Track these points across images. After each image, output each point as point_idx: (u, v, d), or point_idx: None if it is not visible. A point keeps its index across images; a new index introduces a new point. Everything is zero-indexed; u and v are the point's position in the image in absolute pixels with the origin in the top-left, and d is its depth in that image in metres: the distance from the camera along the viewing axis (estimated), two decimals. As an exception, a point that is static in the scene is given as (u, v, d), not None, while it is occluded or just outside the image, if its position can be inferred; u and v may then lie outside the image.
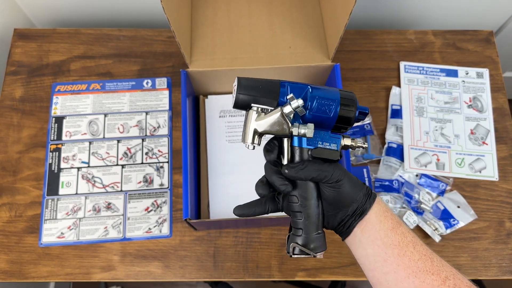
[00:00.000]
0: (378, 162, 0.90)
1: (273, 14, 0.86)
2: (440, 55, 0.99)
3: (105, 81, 0.94)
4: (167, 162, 0.88)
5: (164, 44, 0.98)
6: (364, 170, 0.88)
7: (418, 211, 0.86)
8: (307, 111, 0.47)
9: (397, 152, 0.90)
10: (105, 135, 0.90)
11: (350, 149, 0.49)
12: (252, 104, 0.47)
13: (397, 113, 0.93)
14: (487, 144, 0.91)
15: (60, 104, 0.92)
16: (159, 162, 0.88)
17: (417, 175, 0.89)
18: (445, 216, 0.85)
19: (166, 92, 0.94)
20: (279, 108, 0.46)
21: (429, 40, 1.01)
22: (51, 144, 0.89)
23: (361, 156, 0.90)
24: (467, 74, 0.97)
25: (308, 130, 0.46)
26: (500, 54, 1.03)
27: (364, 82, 0.97)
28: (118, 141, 0.89)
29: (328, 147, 0.48)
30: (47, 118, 0.91)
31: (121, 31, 0.99)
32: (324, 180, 0.46)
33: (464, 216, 0.85)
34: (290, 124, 0.46)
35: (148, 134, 0.90)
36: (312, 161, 0.47)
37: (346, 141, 0.50)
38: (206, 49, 0.82)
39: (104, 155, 0.88)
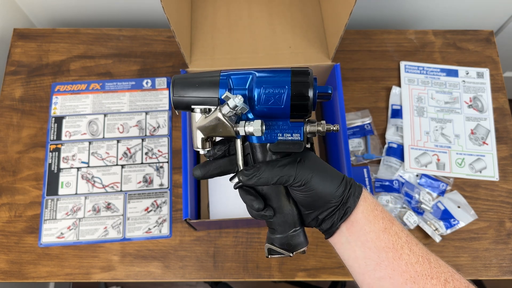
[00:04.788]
0: (378, 162, 0.90)
1: (273, 14, 0.86)
2: (441, 55, 0.99)
3: (104, 81, 0.94)
4: (167, 162, 0.88)
5: (164, 44, 0.98)
6: (364, 170, 0.88)
7: (419, 211, 0.86)
8: (256, 103, 0.41)
9: (397, 152, 0.90)
10: (104, 135, 0.89)
11: (319, 135, 0.43)
12: (193, 106, 0.42)
13: (397, 113, 0.93)
14: (487, 144, 0.91)
15: (60, 104, 0.92)
16: (159, 162, 0.88)
17: (417, 175, 0.89)
18: (446, 216, 0.85)
19: (166, 92, 0.93)
20: (218, 109, 0.40)
21: (430, 40, 1.01)
22: (50, 144, 0.89)
23: (361, 156, 0.90)
24: (467, 74, 0.97)
25: (255, 128, 0.40)
26: (501, 54, 1.03)
27: (364, 82, 0.97)
28: (118, 141, 0.89)
29: (289, 138, 0.42)
30: (47, 118, 0.91)
31: (121, 31, 0.99)
32: (287, 184, 0.41)
33: (464, 216, 0.85)
34: (232, 124, 0.40)
35: (148, 134, 0.90)
36: (270, 162, 0.41)
37: (311, 128, 0.42)
38: (206, 49, 0.82)
39: (104, 155, 0.88)
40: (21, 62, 0.95)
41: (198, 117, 0.42)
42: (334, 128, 0.43)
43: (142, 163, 0.88)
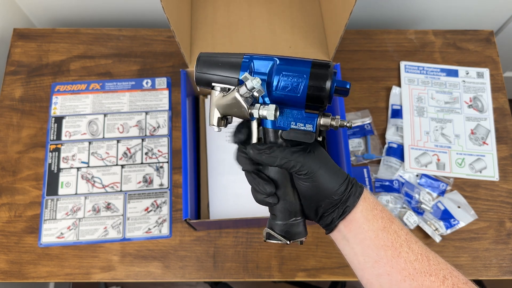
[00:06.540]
0: (378, 162, 0.90)
1: (273, 14, 0.86)
2: (441, 55, 0.99)
3: (104, 81, 0.94)
4: (167, 162, 0.88)
5: (164, 44, 0.98)
6: (364, 170, 0.88)
7: (419, 211, 0.85)
8: (274, 89, 0.42)
9: (398, 152, 0.90)
10: (104, 135, 0.89)
11: (332, 129, 0.44)
12: (213, 84, 0.43)
13: (397, 113, 0.93)
14: (487, 144, 0.91)
15: (60, 104, 0.92)
16: (159, 162, 0.88)
17: (417, 175, 0.89)
18: (446, 216, 0.85)
19: (166, 92, 0.93)
20: (236, 89, 0.41)
21: (430, 40, 1.01)
22: (50, 144, 0.88)
23: (361, 156, 0.90)
24: (467, 74, 0.97)
25: (268, 112, 0.41)
26: (501, 54, 1.02)
27: (364, 82, 0.97)
28: (118, 141, 0.89)
29: (302, 128, 0.42)
30: (47, 118, 0.91)
31: (121, 31, 0.99)
32: (292, 171, 0.42)
33: (464, 216, 0.85)
34: (248, 106, 0.41)
35: (148, 134, 0.90)
36: (283, 146, 0.42)
37: (324, 121, 0.43)
38: (206, 49, 0.82)
39: (104, 155, 0.88)
40: (21, 62, 0.95)
41: (215, 95, 0.43)
42: (348, 124, 0.43)
43: (142, 163, 0.88)
